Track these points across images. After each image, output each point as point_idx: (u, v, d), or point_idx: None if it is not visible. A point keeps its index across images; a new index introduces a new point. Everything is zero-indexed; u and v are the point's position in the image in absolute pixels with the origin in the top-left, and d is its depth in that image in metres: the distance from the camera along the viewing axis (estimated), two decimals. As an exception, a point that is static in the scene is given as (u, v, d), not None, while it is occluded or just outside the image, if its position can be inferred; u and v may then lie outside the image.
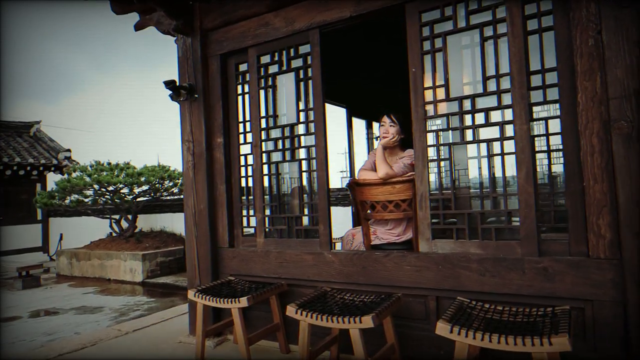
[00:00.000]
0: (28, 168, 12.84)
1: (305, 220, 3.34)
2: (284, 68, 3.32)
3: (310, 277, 3.12)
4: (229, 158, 3.62)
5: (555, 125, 2.41)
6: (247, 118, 3.55)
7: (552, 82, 2.39)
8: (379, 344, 2.64)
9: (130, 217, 10.19)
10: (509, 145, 2.49)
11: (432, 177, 2.73)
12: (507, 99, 2.50)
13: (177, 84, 3.62)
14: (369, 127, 6.61)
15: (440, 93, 2.70)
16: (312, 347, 2.65)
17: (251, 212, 3.54)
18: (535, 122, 2.44)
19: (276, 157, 3.40)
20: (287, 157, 3.32)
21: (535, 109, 2.45)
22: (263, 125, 3.43)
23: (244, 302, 2.83)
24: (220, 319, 3.50)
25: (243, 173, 3.59)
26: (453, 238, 2.63)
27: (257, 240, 3.43)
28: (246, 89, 3.57)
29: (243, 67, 3.60)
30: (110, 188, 9.52)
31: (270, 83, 3.40)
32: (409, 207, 3.02)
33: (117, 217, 10.38)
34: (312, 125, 3.17)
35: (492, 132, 2.56)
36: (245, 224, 3.60)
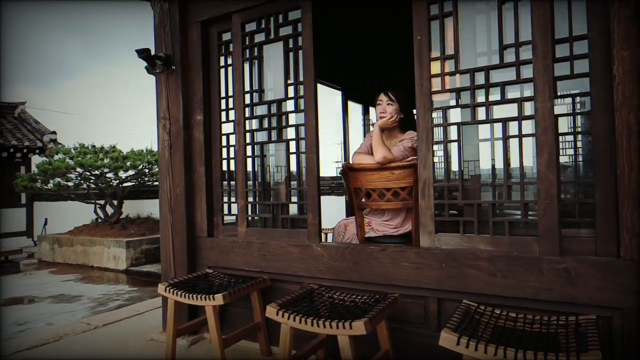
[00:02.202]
0: (11, 150, 12.37)
1: (293, 209, 2.98)
2: (271, 37, 2.94)
3: (296, 272, 2.77)
4: (210, 138, 3.24)
5: (583, 103, 2.06)
6: (230, 93, 3.18)
7: (581, 52, 2.03)
8: (371, 350, 2.32)
9: (115, 202, 9.81)
10: (528, 126, 2.14)
11: (437, 162, 2.38)
12: (527, 71, 2.14)
13: (152, 53, 3.23)
14: (366, 112, 6.23)
15: (449, 65, 2.34)
16: (297, 350, 2.32)
17: (233, 199, 3.19)
18: (559, 99, 2.09)
19: (261, 136, 3.04)
20: (273, 137, 2.95)
21: (560, 84, 2.10)
22: (247, 101, 3.06)
23: (218, 299, 2.49)
24: (196, 316, 3.17)
25: (225, 155, 3.23)
26: (459, 232, 2.29)
27: (239, 229, 3.08)
28: (229, 61, 3.19)
29: (226, 37, 3.21)
30: (95, 172, 9.11)
31: (256, 54, 3.02)
32: (408, 196, 2.67)
33: (102, 202, 9.99)
34: (301, 101, 2.80)
35: (509, 111, 2.21)
36: (227, 211, 3.24)
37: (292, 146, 2.87)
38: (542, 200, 2.07)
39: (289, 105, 2.89)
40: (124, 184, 9.78)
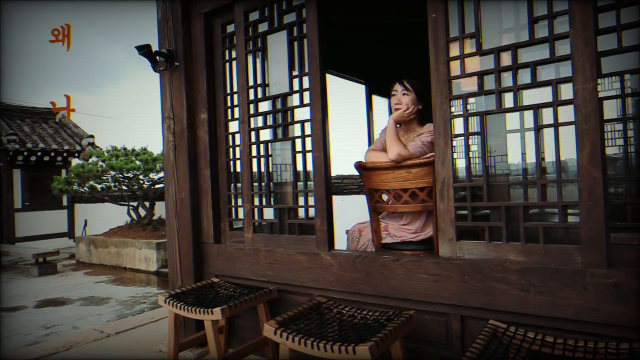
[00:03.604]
0: (52, 154, 12.78)
1: (302, 213, 2.73)
2: (275, 25, 2.69)
3: (304, 283, 2.52)
4: (215, 137, 3.04)
5: (635, 83, 1.70)
6: (235, 89, 2.96)
7: (631, 21, 1.66)
8: (385, 374, 2.03)
9: (147, 204, 9.90)
10: (566, 113, 1.80)
11: (458, 159, 2.06)
12: (564, 48, 1.79)
13: (154, 49, 3.06)
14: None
15: (470, 45, 2.01)
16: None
17: (240, 202, 2.97)
18: (604, 79, 1.73)
19: (267, 135, 2.80)
20: (279, 135, 2.71)
21: (605, 60, 1.74)
22: (251, 96, 2.83)
23: (217, 314, 2.27)
24: (203, 327, 2.97)
25: (231, 155, 3.02)
26: (485, 239, 1.97)
27: (245, 235, 2.86)
28: (234, 55, 2.97)
29: (230, 29, 3.00)
30: (127, 174, 9.22)
31: (259, 45, 2.79)
32: (428, 198, 2.36)
33: (134, 204, 10.11)
34: (307, 95, 2.54)
35: (542, 95, 1.86)
36: (234, 215, 3.03)
37: (299, 144, 2.62)
38: (585, 201, 1.72)
39: (295, 99, 2.64)
40: (156, 186, 9.85)
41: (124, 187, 9.48)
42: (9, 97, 13.86)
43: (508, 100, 1.92)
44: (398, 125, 2.63)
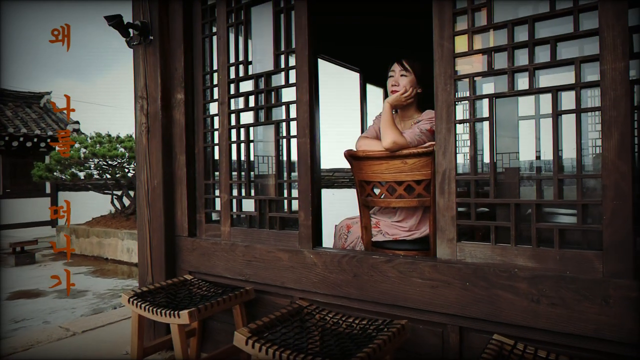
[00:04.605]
0: (35, 140, 12.39)
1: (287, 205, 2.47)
2: (260, -5, 2.41)
3: (284, 284, 2.26)
4: (192, 120, 2.76)
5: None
6: (216, 68, 2.67)
7: (672, -11, 1.42)
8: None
9: (132, 193, 9.57)
10: (590, 97, 1.55)
11: (462, 148, 1.81)
12: (590, 21, 1.54)
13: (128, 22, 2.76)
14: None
15: (481, 18, 1.75)
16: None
17: (218, 192, 2.70)
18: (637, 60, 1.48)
19: (247, 118, 2.52)
20: (261, 119, 2.44)
21: (637, 36, 1.49)
22: (232, 75, 2.55)
23: (184, 317, 2.01)
24: (175, 329, 2.71)
25: (210, 140, 2.74)
26: (490, 241, 1.72)
27: (222, 228, 2.59)
28: (214, 30, 2.68)
29: (211, 0, 2.70)
30: (111, 162, 8.88)
31: (242, 18, 2.51)
32: (425, 192, 2.11)
33: (118, 193, 9.78)
34: (293, 73, 2.27)
35: (561, 76, 1.61)
36: (212, 207, 2.76)
37: (283, 128, 2.35)
38: (609, 199, 1.47)
39: (279, 78, 2.36)
40: (141, 175, 9.52)
41: (108, 176, 9.15)
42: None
43: (522, 81, 1.67)
44: (394, 111, 2.37)
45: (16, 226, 12.61)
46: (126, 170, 9.19)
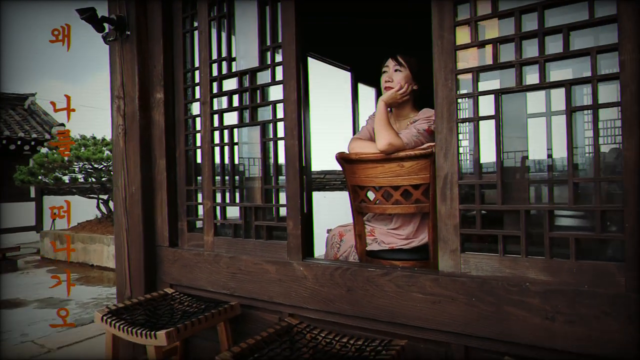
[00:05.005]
0: (19, 142, 12.05)
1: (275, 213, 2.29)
2: (244, -14, 2.24)
3: (272, 298, 2.08)
4: (173, 121, 2.57)
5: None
6: (197, 65, 2.49)
7: (700, -29, 1.27)
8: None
9: (118, 197, 9.32)
10: (607, 92, 1.40)
11: (465, 149, 1.65)
12: (605, 8, 1.38)
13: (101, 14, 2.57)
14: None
15: (483, 7, 1.59)
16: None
17: (201, 199, 2.51)
18: (660, 48, 1.33)
19: (232, 119, 2.34)
20: (246, 119, 2.26)
21: (660, 24, 1.34)
22: (215, 73, 2.37)
23: (161, 339, 1.82)
24: (155, 346, 2.51)
25: (192, 143, 2.55)
26: (498, 252, 1.56)
27: (205, 238, 2.40)
28: (196, 25, 2.50)
29: (192, -7, 2.52)
30: (96, 165, 8.63)
31: (225, 10, 2.33)
32: (424, 197, 1.94)
33: (105, 197, 9.52)
34: (280, 70, 2.09)
35: (574, 69, 1.46)
36: (195, 214, 2.57)
37: (270, 130, 2.17)
38: (633, 205, 1.32)
39: (264, 76, 2.19)
40: (127, 178, 9.28)
41: (93, 179, 8.90)
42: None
43: (531, 75, 1.51)
44: (389, 110, 2.21)
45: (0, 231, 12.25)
46: (112, 173, 8.97)
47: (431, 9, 1.66)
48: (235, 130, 2.33)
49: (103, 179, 8.76)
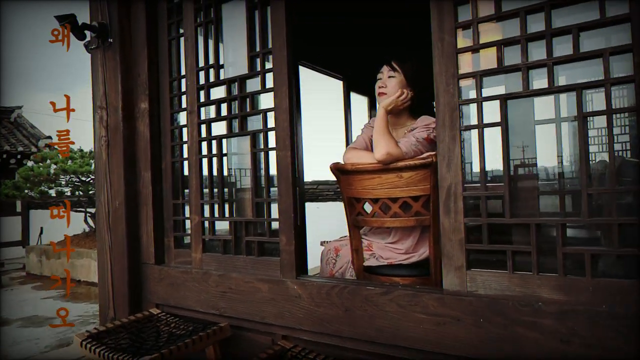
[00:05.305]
0: (4, 156, 11.81)
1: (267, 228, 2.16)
2: (232, -10, 2.14)
3: (265, 319, 1.95)
4: (159, 132, 2.45)
5: None
6: (184, 73, 2.38)
7: None
8: None
9: (106, 210, 9.11)
10: (624, 95, 1.31)
11: (469, 158, 1.55)
12: (618, 6, 1.30)
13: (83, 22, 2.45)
14: (373, 107, 5.39)
15: (485, 7, 1.50)
16: None
17: (188, 213, 2.38)
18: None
19: (220, 129, 2.23)
20: (235, 129, 2.14)
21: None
22: (202, 81, 2.26)
23: (144, 367, 1.68)
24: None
25: (179, 155, 2.43)
26: (507, 269, 1.45)
27: (193, 255, 2.27)
28: (182, 31, 2.39)
29: (178, -2, 2.42)
30: (83, 178, 8.44)
31: (212, 16, 2.22)
32: (424, 209, 1.84)
33: (92, 210, 9.30)
34: (269, 77, 1.99)
35: (586, 72, 1.37)
36: (182, 229, 2.44)
37: (260, 140, 2.06)
38: (652, 218, 1.22)
39: (254, 84, 2.08)
40: (116, 191, 9.09)
41: (80, 192, 8.69)
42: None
43: (539, 79, 1.42)
44: (386, 118, 2.10)
45: (-16, 247, 11.93)
46: (94, 187, 8.78)
47: (430, 10, 1.57)
48: (224, 140, 2.21)
49: (90, 192, 8.56)
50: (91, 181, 8.62)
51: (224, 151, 2.21)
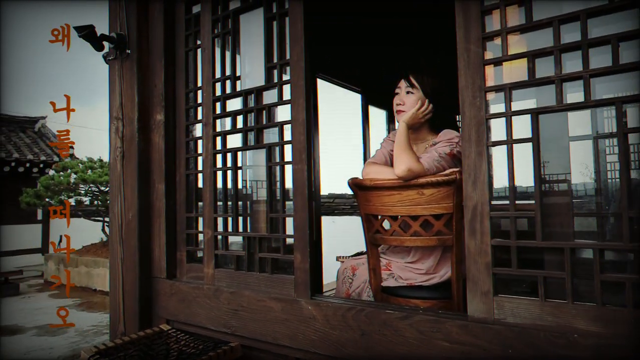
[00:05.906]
0: (27, 165, 12.05)
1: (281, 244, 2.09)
2: (250, 1, 2.10)
3: (277, 340, 1.87)
4: (173, 144, 2.42)
5: None
6: (200, 84, 2.35)
7: None
8: None
9: (123, 220, 9.18)
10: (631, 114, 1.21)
11: (497, 175, 1.46)
12: (661, 15, 1.21)
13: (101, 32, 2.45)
14: (391, 121, 5.31)
15: (514, 15, 1.42)
16: None
17: (201, 227, 2.33)
18: None
19: (235, 141, 2.18)
20: (251, 142, 2.09)
21: None
22: (218, 92, 2.22)
23: (151, 388, 1.61)
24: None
25: (193, 167, 2.39)
26: (538, 296, 1.34)
27: (205, 270, 2.21)
28: (199, 42, 2.37)
29: (196, 9, 2.40)
30: (104, 188, 8.53)
31: (229, 27, 2.19)
32: (446, 229, 1.74)
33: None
34: (287, 88, 1.93)
35: (626, 85, 1.27)
36: (197, 243, 2.38)
37: (277, 153, 2.00)
38: None
39: (271, 95, 2.03)
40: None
41: (99, 202, 8.78)
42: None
43: (573, 93, 1.32)
44: (406, 132, 2.02)
45: (6, 254, 12.14)
46: (109, 199, 8.86)
47: (455, 20, 1.49)
48: (239, 153, 2.15)
49: (109, 201, 8.64)
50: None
51: (239, 164, 2.15)
